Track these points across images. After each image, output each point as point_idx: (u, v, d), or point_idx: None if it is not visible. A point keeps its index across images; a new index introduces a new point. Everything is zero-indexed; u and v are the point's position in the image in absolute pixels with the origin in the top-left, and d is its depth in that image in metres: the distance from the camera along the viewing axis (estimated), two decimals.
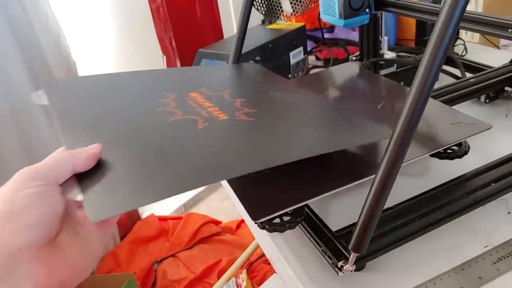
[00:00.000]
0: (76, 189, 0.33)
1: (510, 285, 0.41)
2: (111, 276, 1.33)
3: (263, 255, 1.38)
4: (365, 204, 0.37)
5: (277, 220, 0.43)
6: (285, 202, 0.41)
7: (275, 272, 1.11)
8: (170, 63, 1.11)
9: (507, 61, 0.76)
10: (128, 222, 1.69)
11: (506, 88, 0.72)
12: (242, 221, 1.68)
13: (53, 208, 0.31)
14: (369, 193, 0.36)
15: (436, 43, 0.32)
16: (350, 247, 0.38)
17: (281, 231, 0.42)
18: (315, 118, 0.52)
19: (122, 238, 1.62)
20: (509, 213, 0.49)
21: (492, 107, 0.73)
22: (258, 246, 1.41)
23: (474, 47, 1.03)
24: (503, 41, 1.16)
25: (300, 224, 0.45)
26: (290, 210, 0.42)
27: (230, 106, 0.50)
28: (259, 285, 1.23)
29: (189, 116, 0.46)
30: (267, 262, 1.36)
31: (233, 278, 1.28)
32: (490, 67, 0.78)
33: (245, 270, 1.29)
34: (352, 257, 0.39)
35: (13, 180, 0.31)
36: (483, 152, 0.58)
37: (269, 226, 0.42)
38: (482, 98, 0.73)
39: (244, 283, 1.23)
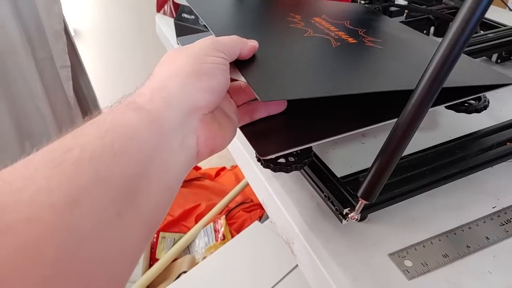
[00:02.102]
0: (237, 72, 0.37)
1: None
2: None
3: (242, 203, 1.37)
4: (382, 148, 0.33)
5: (282, 160, 0.39)
6: (295, 141, 0.38)
7: (254, 220, 1.10)
8: None
9: None
10: None
11: None
12: (222, 169, 1.65)
13: (227, 80, 0.34)
14: (389, 137, 0.32)
15: None
16: (359, 193, 0.35)
17: (287, 171, 0.39)
18: None
19: None
20: None
21: (502, 69, 0.69)
22: (237, 194, 1.39)
23: None
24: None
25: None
26: (297, 151, 0.38)
27: (355, 33, 0.52)
28: (237, 232, 1.22)
29: (321, 35, 0.49)
30: (246, 210, 1.35)
31: (211, 223, 1.27)
32: (504, 25, 0.74)
33: (224, 216, 1.28)
34: (360, 204, 0.36)
35: (200, 46, 0.34)
36: (491, 113, 0.55)
37: (274, 165, 0.38)
38: (493, 57, 0.70)
39: (222, 229, 1.22)
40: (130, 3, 1.59)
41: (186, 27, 0.78)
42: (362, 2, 0.80)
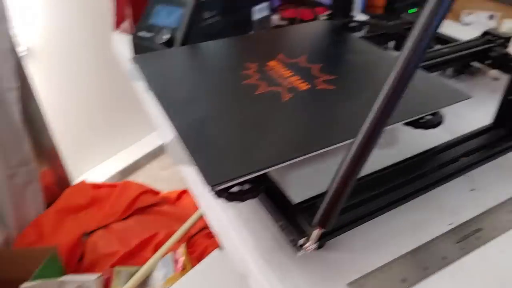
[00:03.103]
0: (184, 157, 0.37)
1: (473, 265, 0.38)
2: (31, 250, 1.20)
3: (204, 228, 1.32)
4: (337, 172, 0.31)
5: (236, 188, 0.37)
6: (249, 167, 0.36)
7: (216, 247, 1.06)
8: (119, 9, 0.99)
9: (470, 36, 0.74)
10: (56, 188, 1.54)
11: (472, 63, 0.70)
12: (183, 191, 1.60)
13: None
14: (343, 160, 0.31)
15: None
16: (315, 221, 0.33)
17: (241, 200, 0.37)
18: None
19: (48, 206, 1.47)
20: (473, 189, 0.46)
21: (457, 82, 0.71)
22: (198, 219, 1.34)
23: None
24: (465, 18, 1.16)
25: None
26: (251, 178, 0.36)
27: (309, 73, 0.52)
28: (199, 260, 1.17)
29: (273, 87, 0.49)
30: (208, 236, 1.30)
31: (171, 252, 1.21)
32: (457, 40, 0.76)
33: (184, 244, 1.23)
34: (316, 233, 0.34)
35: None
36: (447, 127, 0.55)
37: (228, 195, 0.36)
38: (448, 71, 0.71)
39: (183, 258, 1.17)
40: (87, 21, 1.54)
41: (143, 46, 0.75)
42: (323, 18, 0.80)
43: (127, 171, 1.87)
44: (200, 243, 1.28)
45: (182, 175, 0.55)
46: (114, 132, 1.85)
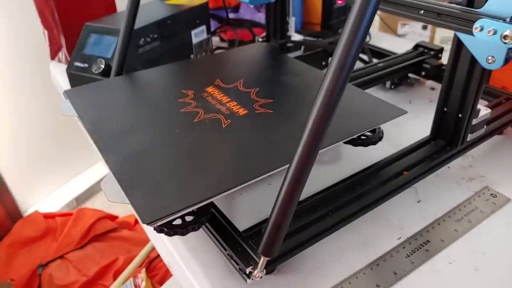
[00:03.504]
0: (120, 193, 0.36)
1: (424, 279, 0.39)
2: None
3: None
4: (277, 200, 0.31)
5: (178, 221, 0.36)
6: (188, 199, 0.34)
7: None
8: (53, 39, 0.96)
9: (406, 48, 0.77)
10: (6, 221, 1.47)
11: (409, 75, 0.73)
12: None
13: None
14: (281, 187, 0.31)
15: (357, 20, 0.27)
16: (259, 250, 0.33)
17: (183, 234, 0.36)
18: None
19: (0, 239, 1.40)
20: (418, 201, 0.47)
21: (397, 94, 0.73)
22: None
23: (375, 34, 1.05)
24: (400, 30, 1.21)
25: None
26: (193, 209, 0.35)
27: (247, 98, 0.52)
28: (160, 285, 1.14)
29: (211, 114, 0.48)
30: None
31: (131, 279, 1.18)
32: (394, 53, 0.79)
33: (144, 269, 1.20)
34: (262, 261, 0.34)
35: None
36: (389, 139, 0.57)
37: (168, 229, 0.35)
38: (387, 84, 0.73)
39: (144, 283, 1.14)
40: (25, 51, 1.49)
41: (79, 76, 0.73)
42: (260, 40, 0.80)
43: (83, 198, 1.80)
44: (160, 266, 1.25)
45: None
46: (65, 158, 1.79)
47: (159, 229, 0.35)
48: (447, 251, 0.41)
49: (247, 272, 0.35)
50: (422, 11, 0.46)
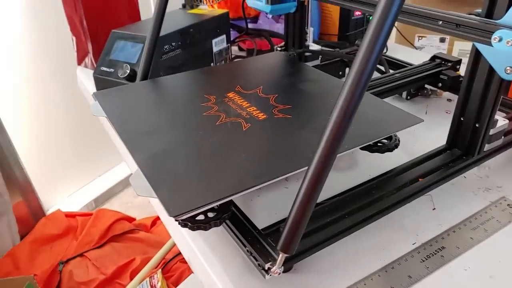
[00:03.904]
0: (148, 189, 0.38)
1: (438, 284, 0.39)
2: (7, 280, 1.18)
3: (179, 253, 1.32)
4: (296, 200, 0.33)
5: (201, 217, 0.37)
6: (211, 196, 0.36)
7: (193, 272, 1.05)
8: (80, 45, 1.00)
9: (423, 60, 0.78)
10: (30, 219, 1.52)
11: (426, 86, 0.74)
12: (158, 218, 1.59)
13: None
14: (300, 187, 0.32)
15: (376, 31, 0.29)
16: (278, 247, 0.34)
17: (205, 229, 0.37)
18: None
19: (23, 237, 1.45)
20: (434, 209, 0.48)
21: (413, 104, 0.74)
22: (174, 244, 1.34)
23: (392, 46, 1.06)
24: (417, 42, 1.21)
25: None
26: (215, 206, 0.37)
27: (266, 103, 0.54)
28: (175, 286, 1.16)
29: (232, 118, 0.51)
30: (184, 261, 1.29)
31: (147, 279, 1.20)
32: (410, 64, 0.80)
33: (160, 270, 1.22)
34: (281, 258, 0.35)
35: None
36: (405, 148, 0.58)
37: (192, 224, 0.37)
38: (404, 94, 0.74)
39: (159, 284, 1.16)
40: (52, 56, 1.54)
41: (105, 80, 0.76)
42: (278, 49, 0.82)
43: (101, 199, 1.84)
44: (176, 268, 1.27)
45: (152, 204, 0.56)
46: (86, 161, 1.83)
47: (183, 224, 0.37)
48: (462, 258, 0.42)
49: (266, 268, 0.36)
50: (440, 22, 0.47)
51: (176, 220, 0.37)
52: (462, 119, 0.51)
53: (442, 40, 1.18)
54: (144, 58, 0.63)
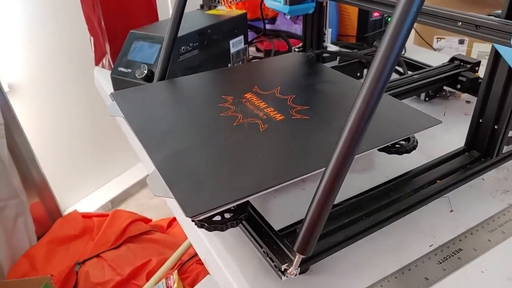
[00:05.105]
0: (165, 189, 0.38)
1: (455, 286, 0.39)
2: (25, 281, 1.20)
3: (195, 254, 1.32)
4: (313, 201, 0.33)
5: (218, 218, 0.38)
6: (228, 196, 0.37)
7: (208, 273, 1.06)
8: (98, 46, 1.02)
9: (442, 61, 0.77)
10: (47, 219, 1.54)
11: (445, 87, 0.73)
12: (174, 219, 1.60)
13: None
14: (318, 188, 0.32)
15: (395, 32, 0.29)
16: (295, 248, 0.34)
17: (222, 229, 0.38)
18: None
19: (40, 237, 1.47)
20: (451, 211, 0.48)
21: (431, 106, 0.73)
22: (190, 246, 1.34)
23: (411, 47, 1.05)
24: (436, 44, 1.20)
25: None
26: (232, 206, 0.37)
27: (283, 104, 0.54)
28: (191, 287, 1.17)
29: (250, 119, 0.51)
30: (200, 262, 1.30)
31: (164, 280, 1.21)
32: (429, 66, 0.79)
33: (176, 271, 1.23)
34: (297, 259, 0.35)
35: None
36: (423, 150, 0.57)
37: (209, 224, 0.37)
38: (422, 96, 0.73)
39: (175, 285, 1.17)
40: (69, 56, 1.57)
41: (122, 81, 0.77)
42: (296, 50, 0.82)
43: (118, 200, 1.87)
44: (192, 269, 1.28)
45: (168, 205, 0.56)
46: (103, 162, 1.86)
47: (200, 224, 0.37)
48: (479, 260, 0.41)
49: (282, 269, 0.36)
50: (460, 23, 0.47)
51: (193, 221, 0.38)
52: (480, 120, 0.50)
53: (461, 42, 1.16)
54: (162, 59, 0.64)
